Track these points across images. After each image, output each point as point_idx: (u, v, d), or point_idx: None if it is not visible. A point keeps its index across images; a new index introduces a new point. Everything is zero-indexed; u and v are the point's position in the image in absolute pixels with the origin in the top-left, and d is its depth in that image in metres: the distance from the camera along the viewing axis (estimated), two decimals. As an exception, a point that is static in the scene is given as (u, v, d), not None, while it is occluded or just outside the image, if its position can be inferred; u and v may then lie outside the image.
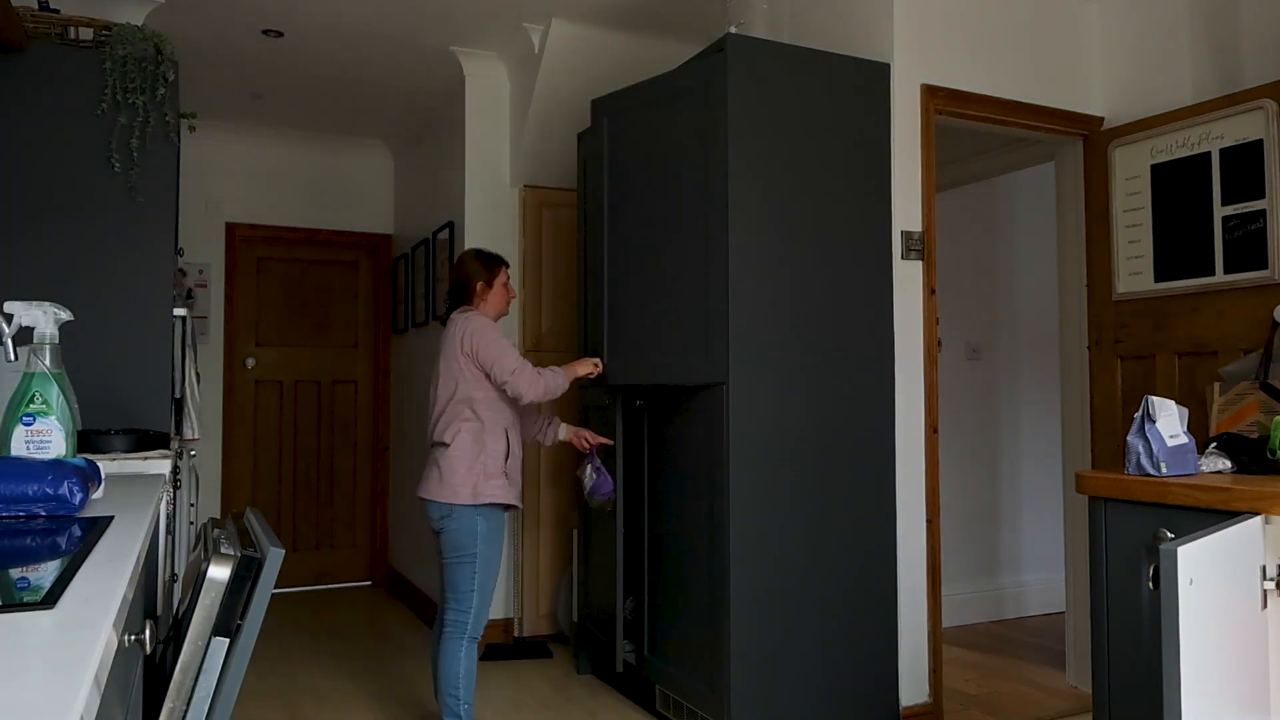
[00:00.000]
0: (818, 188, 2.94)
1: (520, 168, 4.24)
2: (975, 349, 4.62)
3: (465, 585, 2.80)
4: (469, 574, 2.80)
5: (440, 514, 2.81)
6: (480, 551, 2.80)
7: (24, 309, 1.68)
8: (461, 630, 2.80)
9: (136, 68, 2.68)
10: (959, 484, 4.52)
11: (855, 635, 2.93)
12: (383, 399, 5.69)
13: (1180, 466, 2.05)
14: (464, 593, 2.80)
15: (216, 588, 1.33)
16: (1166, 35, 3.21)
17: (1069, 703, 3.41)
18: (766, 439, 2.82)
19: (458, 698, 2.78)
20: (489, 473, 2.81)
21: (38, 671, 0.66)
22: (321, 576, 5.56)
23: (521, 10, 3.84)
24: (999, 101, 3.24)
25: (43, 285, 2.60)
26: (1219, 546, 1.59)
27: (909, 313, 3.09)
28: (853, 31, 3.22)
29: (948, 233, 4.55)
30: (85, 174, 2.66)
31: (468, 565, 2.80)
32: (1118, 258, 3.29)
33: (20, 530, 1.25)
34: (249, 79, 4.56)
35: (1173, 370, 3.12)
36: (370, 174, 5.71)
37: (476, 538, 2.80)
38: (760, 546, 2.80)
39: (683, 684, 2.99)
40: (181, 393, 2.99)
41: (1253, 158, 2.86)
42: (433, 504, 2.83)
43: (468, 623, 2.80)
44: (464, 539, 2.80)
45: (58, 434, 1.64)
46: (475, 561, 2.80)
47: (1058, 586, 4.64)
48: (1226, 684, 1.59)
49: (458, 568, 2.81)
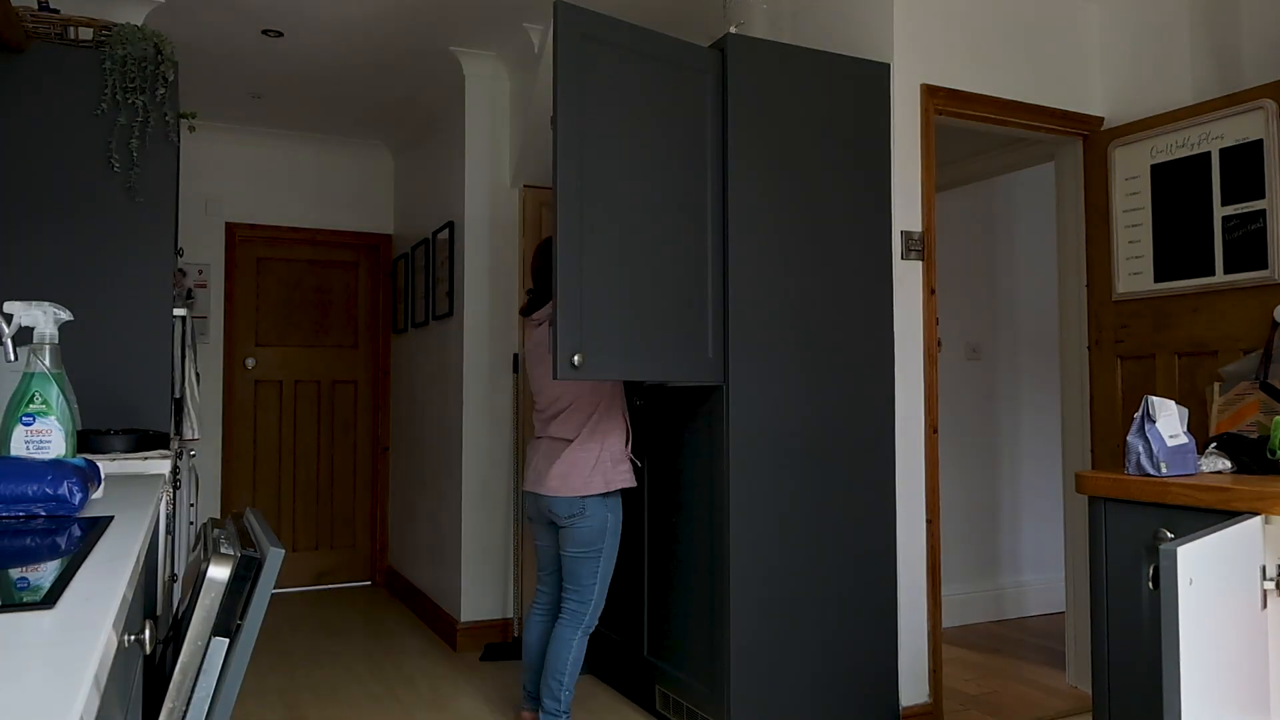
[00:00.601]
0: (817, 187, 2.94)
1: (520, 168, 4.24)
2: (975, 349, 4.62)
3: (589, 578, 2.85)
4: (594, 568, 2.85)
5: (571, 510, 2.84)
6: (607, 545, 2.86)
7: (24, 309, 1.68)
8: (579, 620, 2.85)
9: (136, 68, 2.68)
10: (959, 484, 4.52)
11: (855, 635, 2.93)
12: (383, 399, 5.69)
13: (1180, 466, 2.05)
14: (587, 585, 2.85)
15: (216, 588, 1.33)
16: (1166, 35, 3.21)
17: (1069, 703, 3.41)
18: (766, 439, 2.82)
19: (562, 684, 2.82)
20: (616, 458, 2.87)
21: (37, 671, 0.66)
22: (321, 576, 5.56)
23: (521, 10, 3.84)
24: (999, 101, 3.24)
25: (43, 285, 2.60)
26: (1219, 546, 1.59)
27: (909, 313, 3.09)
28: (853, 31, 3.22)
29: (948, 233, 4.55)
30: (85, 174, 2.66)
31: (594, 559, 2.85)
32: (1118, 258, 3.29)
33: (20, 530, 1.25)
34: (249, 79, 4.57)
35: (1173, 370, 3.12)
36: (370, 174, 5.72)
37: (606, 533, 2.85)
38: (760, 546, 2.80)
39: (683, 684, 2.99)
40: (181, 393, 2.99)
41: (1253, 158, 2.86)
42: (559, 500, 2.84)
43: (586, 613, 2.85)
44: (594, 535, 2.84)
45: (58, 434, 1.64)
46: (602, 555, 2.85)
47: (1058, 586, 4.64)
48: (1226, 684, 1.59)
49: (584, 561, 2.85)
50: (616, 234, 2.61)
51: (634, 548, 3.32)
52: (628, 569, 3.36)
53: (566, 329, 2.50)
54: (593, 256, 2.58)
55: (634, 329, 2.64)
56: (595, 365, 2.55)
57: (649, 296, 2.67)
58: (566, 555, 2.88)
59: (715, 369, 2.80)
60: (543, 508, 2.91)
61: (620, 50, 2.67)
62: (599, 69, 2.62)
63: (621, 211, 2.64)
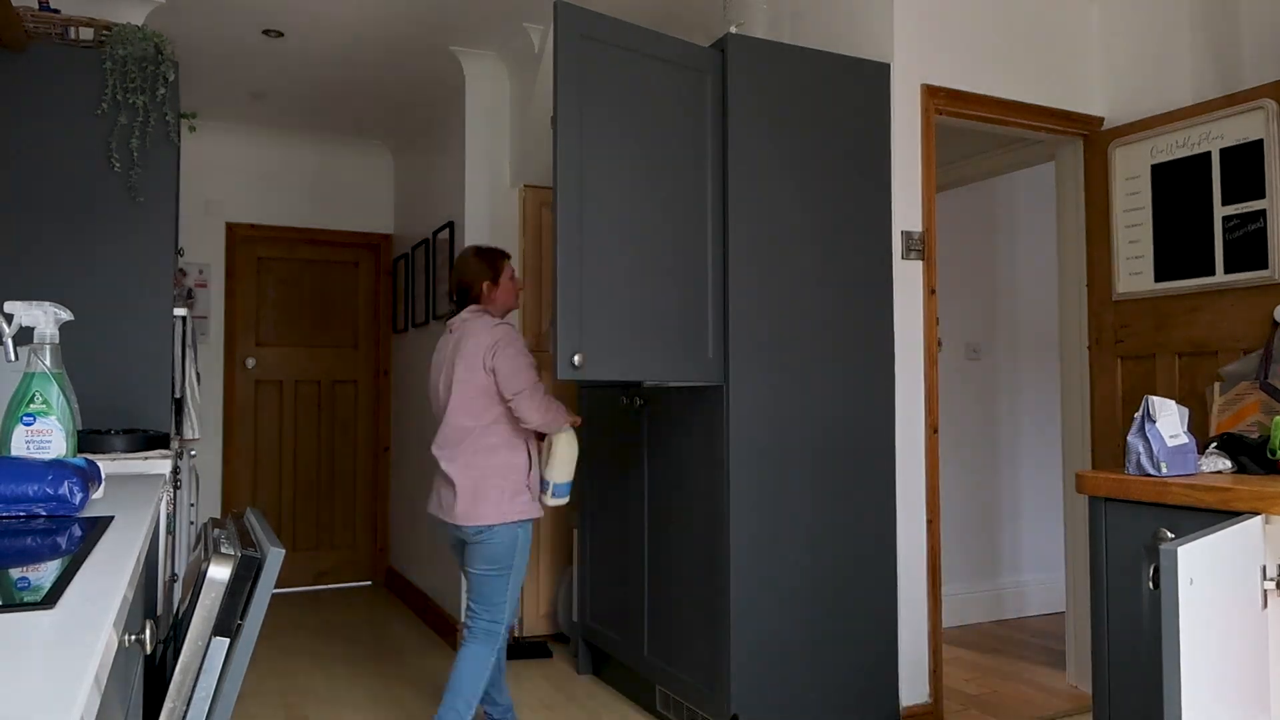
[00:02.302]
0: (818, 188, 2.94)
1: (520, 168, 4.24)
2: (975, 349, 4.62)
3: (499, 595, 2.77)
4: (503, 585, 2.78)
5: (475, 531, 2.75)
6: (518, 561, 2.78)
7: (24, 309, 1.68)
8: (494, 638, 2.77)
9: (136, 68, 2.69)
10: (959, 484, 4.52)
11: (855, 635, 2.93)
12: (383, 399, 5.69)
13: (1180, 466, 2.05)
14: (498, 603, 2.77)
15: (216, 588, 1.33)
16: (1166, 35, 3.21)
17: (1069, 703, 3.41)
18: (766, 439, 2.82)
19: (471, 705, 2.73)
20: (515, 490, 2.77)
21: (38, 671, 0.66)
22: (321, 576, 5.56)
23: (521, 10, 3.84)
24: (999, 101, 3.24)
25: (43, 285, 2.60)
26: (1219, 546, 1.59)
27: (909, 313, 3.09)
28: (853, 31, 3.23)
29: (948, 233, 4.55)
30: (85, 174, 2.66)
31: (502, 578, 2.77)
32: (1118, 258, 3.29)
33: (20, 530, 1.25)
34: (249, 79, 4.57)
35: (1173, 370, 3.12)
36: (370, 174, 5.72)
37: (514, 551, 2.77)
38: (760, 546, 2.80)
39: (683, 684, 2.99)
40: (181, 393, 2.99)
41: (1253, 158, 2.86)
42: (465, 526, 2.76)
43: (500, 630, 2.78)
44: (502, 553, 2.76)
45: (58, 434, 1.64)
46: (512, 571, 2.78)
47: (1058, 586, 4.64)
48: (1226, 684, 1.59)
49: (494, 579, 2.77)
50: (616, 234, 2.61)
51: (634, 548, 3.32)
52: (628, 569, 3.36)
53: (566, 329, 2.50)
54: (593, 257, 2.58)
55: (634, 329, 2.64)
56: (595, 365, 2.55)
57: (649, 296, 2.67)
58: (474, 573, 2.78)
59: (715, 369, 2.80)
60: (450, 530, 2.83)
61: (620, 50, 2.67)
62: (599, 69, 2.62)
63: (621, 211, 2.64)
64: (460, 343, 2.82)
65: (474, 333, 2.81)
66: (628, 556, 3.37)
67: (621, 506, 3.42)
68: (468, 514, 2.74)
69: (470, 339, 2.80)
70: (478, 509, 2.74)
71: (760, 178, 2.84)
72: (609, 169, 2.62)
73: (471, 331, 2.81)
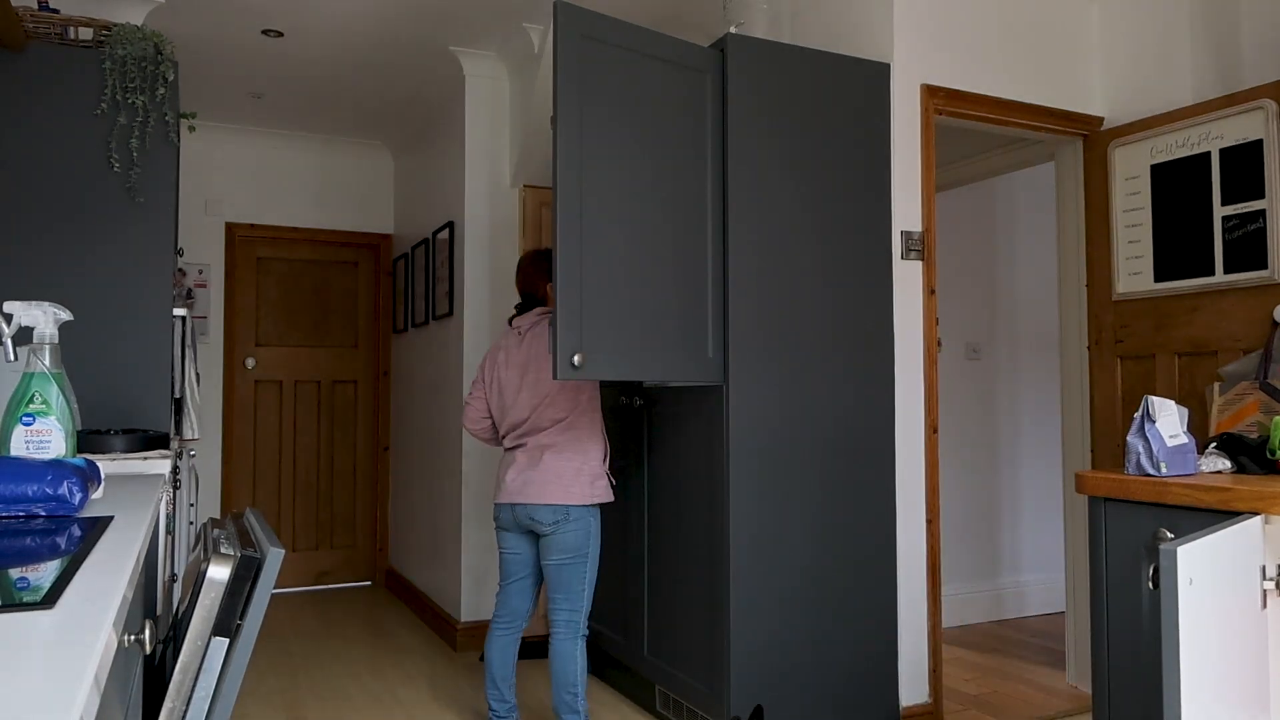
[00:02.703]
0: (817, 187, 2.94)
1: (520, 168, 4.24)
2: (975, 349, 4.62)
3: (578, 584, 2.83)
4: (581, 573, 2.83)
5: (555, 516, 2.82)
6: (592, 549, 2.85)
7: (24, 309, 1.68)
8: (575, 629, 2.83)
9: (136, 68, 2.68)
10: (959, 484, 4.52)
11: (855, 635, 2.93)
12: (382, 399, 5.69)
13: (1180, 466, 2.05)
14: (576, 591, 2.83)
15: (216, 588, 1.33)
16: (1166, 35, 3.21)
17: (1069, 703, 3.41)
18: (766, 439, 2.82)
19: (577, 695, 2.80)
20: (595, 474, 2.86)
21: (37, 671, 0.66)
22: (321, 576, 5.56)
23: (521, 10, 3.84)
24: (999, 101, 3.24)
25: (43, 285, 2.60)
26: (1219, 546, 1.59)
27: (909, 313, 3.09)
28: (853, 31, 3.23)
29: (948, 233, 4.55)
30: (85, 174, 2.66)
31: (580, 564, 2.83)
32: (1118, 258, 3.29)
33: (20, 530, 1.25)
34: (249, 79, 4.56)
35: (1173, 370, 3.12)
36: (370, 174, 5.72)
37: (590, 537, 2.83)
38: (760, 546, 2.80)
39: (683, 684, 2.99)
40: (181, 393, 2.99)
41: (1252, 158, 2.86)
42: (542, 507, 2.82)
43: (580, 620, 2.84)
44: (579, 540, 2.82)
45: (57, 434, 1.64)
46: (589, 560, 2.84)
47: (1058, 586, 4.64)
48: (1226, 684, 1.59)
49: (571, 568, 2.83)
50: (616, 234, 2.61)
51: (634, 548, 3.32)
52: (628, 569, 3.36)
53: (566, 329, 2.50)
54: (593, 256, 2.58)
55: (634, 329, 2.64)
56: (595, 365, 2.55)
57: (649, 296, 2.67)
58: (551, 564, 2.84)
59: (715, 369, 2.80)
60: (521, 516, 2.87)
61: (620, 50, 2.67)
62: (599, 69, 2.62)
63: (621, 211, 2.64)
64: (535, 342, 2.97)
65: (538, 330, 2.98)
66: (628, 557, 3.37)
67: (621, 506, 3.42)
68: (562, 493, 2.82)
69: (539, 336, 2.97)
70: (567, 490, 2.82)
71: (760, 178, 2.84)
72: (609, 169, 2.62)
73: (536, 329, 2.99)
